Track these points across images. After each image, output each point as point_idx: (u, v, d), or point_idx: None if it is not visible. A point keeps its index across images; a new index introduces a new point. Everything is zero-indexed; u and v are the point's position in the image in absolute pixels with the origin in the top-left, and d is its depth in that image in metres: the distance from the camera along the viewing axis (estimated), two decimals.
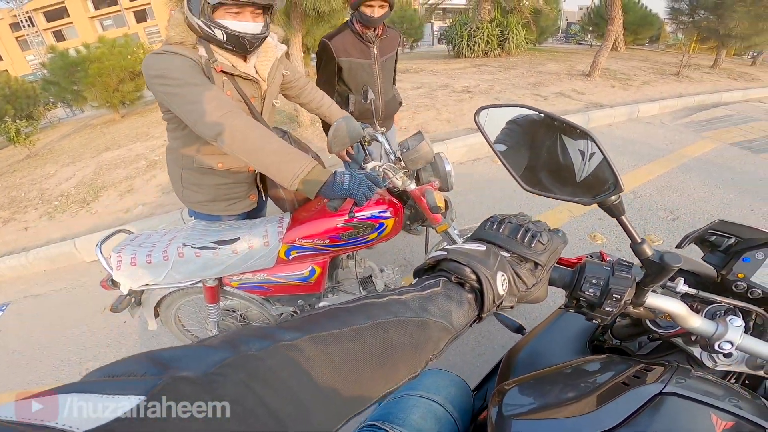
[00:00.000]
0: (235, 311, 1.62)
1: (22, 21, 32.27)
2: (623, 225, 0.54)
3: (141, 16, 32.85)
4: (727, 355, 0.53)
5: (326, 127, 1.97)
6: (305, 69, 4.70)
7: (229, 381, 0.24)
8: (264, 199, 1.52)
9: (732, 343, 0.50)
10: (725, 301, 0.57)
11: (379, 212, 1.23)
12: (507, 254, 0.46)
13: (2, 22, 33.19)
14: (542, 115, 0.60)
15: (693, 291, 0.56)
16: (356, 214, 1.16)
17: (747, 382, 0.65)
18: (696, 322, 0.52)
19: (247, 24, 1.12)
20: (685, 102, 5.57)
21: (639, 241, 0.53)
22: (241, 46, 1.14)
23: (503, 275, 0.43)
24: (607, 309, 0.50)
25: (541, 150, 0.62)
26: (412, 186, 1.22)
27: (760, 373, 0.56)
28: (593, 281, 0.50)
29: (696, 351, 0.59)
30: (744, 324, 0.52)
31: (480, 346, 1.74)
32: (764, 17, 7.93)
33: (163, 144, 5.06)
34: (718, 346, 0.50)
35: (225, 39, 1.12)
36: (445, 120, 4.47)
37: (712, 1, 8.08)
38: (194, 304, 1.62)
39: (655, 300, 0.53)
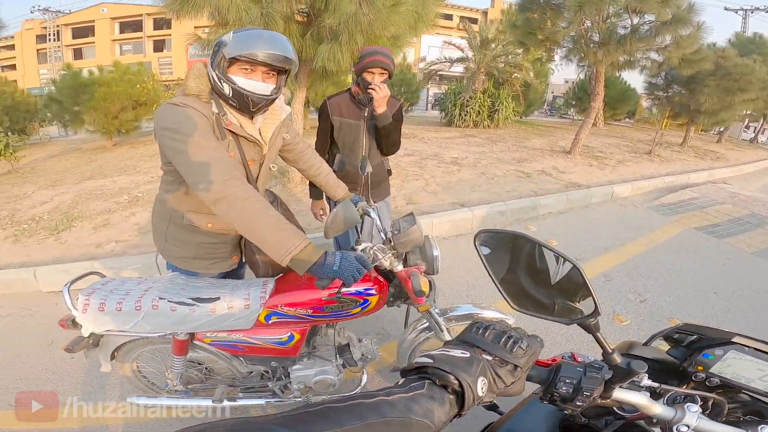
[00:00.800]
0: (201, 364, 1.55)
1: (49, 34, 31.78)
2: (598, 340, 0.63)
3: (159, 46, 32.95)
4: None
5: (313, 188, 2.04)
6: (303, 122, 4.88)
7: None
8: (244, 261, 1.49)
9: (688, 426, 0.58)
10: (683, 391, 0.66)
11: (365, 289, 1.24)
12: (490, 357, 0.52)
13: (30, 33, 32.80)
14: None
15: (655, 385, 0.64)
16: (342, 290, 1.17)
17: None
18: (657, 409, 0.60)
19: (255, 83, 1.13)
20: (655, 183, 5.98)
21: (610, 351, 0.62)
22: (244, 104, 1.15)
23: (483, 380, 0.48)
24: (578, 403, 0.59)
25: (520, 255, 0.72)
26: (399, 267, 1.24)
27: None
28: (567, 380, 0.59)
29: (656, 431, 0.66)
30: (700, 409, 0.60)
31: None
32: (732, 91, 8.67)
33: (149, 180, 5.02)
34: (676, 429, 0.59)
35: (230, 95, 1.13)
36: (432, 192, 4.60)
37: (685, 77, 8.66)
38: (156, 353, 1.55)
39: (621, 394, 0.61)
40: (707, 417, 0.61)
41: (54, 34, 32.12)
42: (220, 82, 1.12)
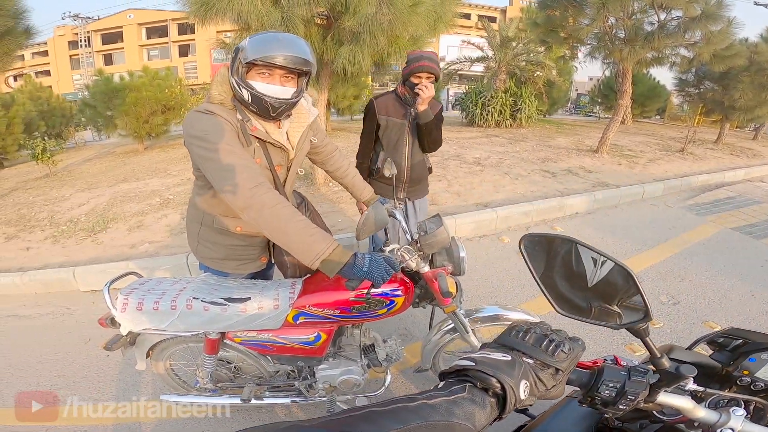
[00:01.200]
0: (230, 362, 1.60)
1: (81, 40, 32.75)
2: (647, 344, 0.63)
3: (184, 50, 33.67)
4: None
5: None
6: (325, 124, 4.93)
7: None
8: (272, 261, 1.52)
9: (733, 430, 0.58)
10: (726, 394, 0.66)
11: (391, 290, 1.25)
12: (531, 360, 0.52)
13: (62, 39, 33.96)
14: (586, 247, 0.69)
15: (700, 389, 0.64)
16: (371, 292, 1.18)
17: None
18: (701, 413, 0.60)
19: (274, 87, 1.11)
20: (689, 182, 5.71)
21: (659, 356, 0.62)
22: (264, 109, 1.13)
23: (526, 383, 0.48)
24: (620, 407, 0.58)
25: (557, 257, 0.70)
26: (425, 268, 1.25)
27: None
28: (610, 384, 0.58)
29: None
30: (745, 412, 0.60)
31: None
32: (767, 87, 8.20)
33: (178, 183, 5.18)
34: None
35: (250, 100, 1.12)
36: (455, 193, 4.58)
37: (717, 73, 8.31)
38: (189, 351, 1.60)
39: (665, 398, 0.60)
40: (749, 420, 0.61)
41: (85, 40, 33.12)
42: (240, 88, 1.12)
